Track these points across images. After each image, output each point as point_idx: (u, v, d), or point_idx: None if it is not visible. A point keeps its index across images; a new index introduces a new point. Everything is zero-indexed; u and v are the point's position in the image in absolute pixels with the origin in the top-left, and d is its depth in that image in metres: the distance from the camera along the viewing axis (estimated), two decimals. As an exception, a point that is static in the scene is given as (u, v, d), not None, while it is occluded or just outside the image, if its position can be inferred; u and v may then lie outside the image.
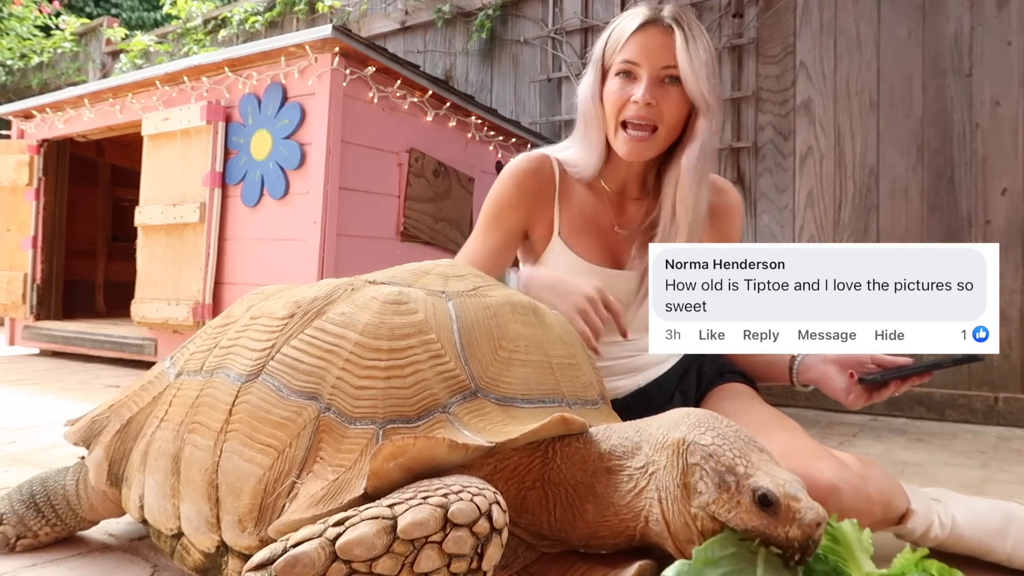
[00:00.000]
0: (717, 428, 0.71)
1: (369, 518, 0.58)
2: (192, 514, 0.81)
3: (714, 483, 0.66)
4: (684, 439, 0.70)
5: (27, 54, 6.37)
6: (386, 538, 0.57)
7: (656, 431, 0.74)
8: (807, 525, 0.62)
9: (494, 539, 0.60)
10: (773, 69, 3.05)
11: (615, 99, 1.28)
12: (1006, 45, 2.59)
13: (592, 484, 0.75)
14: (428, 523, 0.58)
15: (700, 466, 0.68)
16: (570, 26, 3.58)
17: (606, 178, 1.40)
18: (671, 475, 0.70)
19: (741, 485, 0.65)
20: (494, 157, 3.43)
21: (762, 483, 0.64)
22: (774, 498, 0.63)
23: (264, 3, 4.93)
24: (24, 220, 3.87)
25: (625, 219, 1.40)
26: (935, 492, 1.14)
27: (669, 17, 1.27)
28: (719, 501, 0.66)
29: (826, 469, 0.99)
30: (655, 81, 1.25)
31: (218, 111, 2.96)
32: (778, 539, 0.63)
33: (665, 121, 1.27)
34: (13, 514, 1.05)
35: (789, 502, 0.63)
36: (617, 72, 1.29)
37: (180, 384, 0.93)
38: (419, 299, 0.84)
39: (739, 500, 0.65)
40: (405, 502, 0.60)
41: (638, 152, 1.29)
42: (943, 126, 2.70)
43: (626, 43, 1.27)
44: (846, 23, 2.90)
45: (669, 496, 0.69)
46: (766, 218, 3.03)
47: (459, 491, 0.61)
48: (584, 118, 1.36)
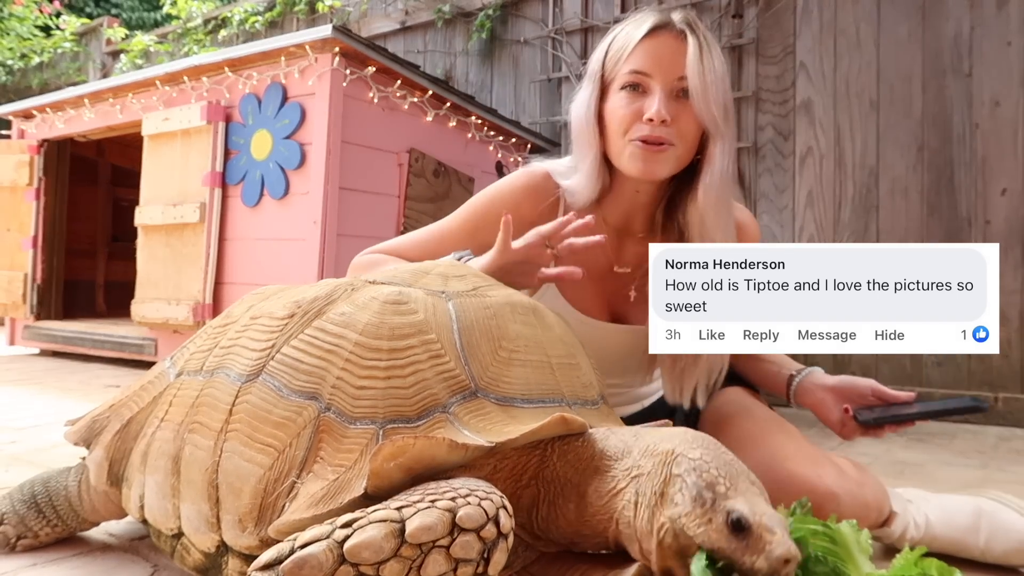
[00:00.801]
0: (711, 449, 0.70)
1: (377, 521, 0.58)
2: (192, 514, 0.81)
3: (691, 496, 0.65)
4: (674, 450, 0.70)
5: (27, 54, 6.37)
6: (394, 541, 0.57)
7: (650, 438, 0.74)
8: (775, 559, 0.60)
9: (500, 544, 0.60)
10: (773, 69, 3.05)
11: (621, 116, 1.11)
12: (1006, 45, 2.59)
13: (579, 483, 0.75)
14: (436, 527, 0.58)
15: (682, 478, 0.67)
16: (570, 26, 3.58)
17: (607, 210, 1.21)
18: (652, 481, 0.69)
19: (717, 504, 0.64)
20: (494, 157, 3.44)
21: (739, 507, 0.63)
22: (747, 524, 0.62)
23: (264, 3, 4.93)
24: (24, 220, 3.87)
25: (625, 259, 1.24)
26: (907, 492, 1.15)
27: (682, 22, 1.12)
28: (691, 515, 0.64)
29: (825, 475, 1.00)
30: (669, 94, 1.09)
31: (218, 111, 2.96)
32: (742, 566, 0.62)
33: (682, 140, 1.11)
34: (14, 514, 1.05)
35: (763, 532, 0.62)
36: (623, 85, 1.12)
37: (180, 384, 0.93)
38: (419, 299, 0.84)
39: (711, 518, 0.64)
40: (413, 505, 0.60)
41: (652, 168, 1.11)
42: (943, 126, 2.70)
43: (633, 51, 1.10)
44: (846, 23, 2.90)
45: (644, 501, 0.69)
46: (766, 218, 3.03)
47: (467, 495, 0.61)
48: (580, 140, 1.18)
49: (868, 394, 1.11)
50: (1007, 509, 1.07)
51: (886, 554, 1.09)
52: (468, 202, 1.24)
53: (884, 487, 1.08)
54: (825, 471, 1.00)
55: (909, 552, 0.70)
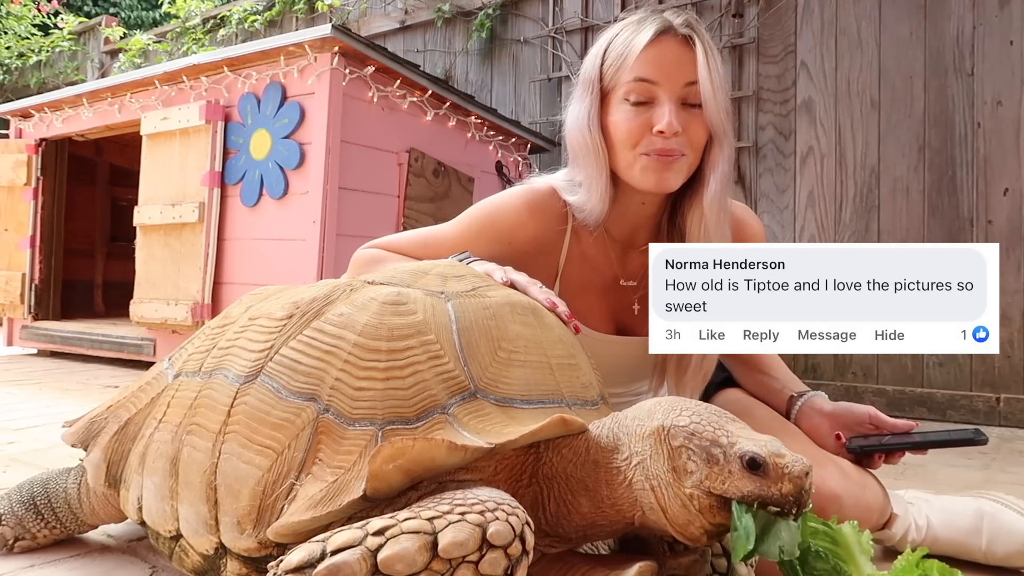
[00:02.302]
0: (690, 408, 0.73)
1: (411, 532, 0.58)
2: (190, 516, 0.81)
3: (703, 459, 0.68)
4: (663, 425, 0.71)
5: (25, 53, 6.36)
6: (427, 555, 0.57)
7: (631, 423, 0.75)
8: (796, 477, 0.65)
9: (524, 561, 0.61)
10: (774, 69, 3.05)
11: (629, 129, 1.07)
12: (1008, 44, 2.59)
13: (583, 479, 0.76)
14: (468, 543, 0.58)
15: (685, 447, 0.69)
16: (570, 26, 3.57)
17: (611, 223, 1.17)
18: (658, 462, 0.71)
19: (728, 455, 0.67)
20: (494, 157, 3.43)
21: (747, 448, 0.67)
22: (762, 460, 0.66)
23: (263, 2, 4.92)
24: (22, 220, 3.86)
25: (630, 271, 1.22)
26: (908, 494, 1.14)
27: (684, 26, 1.07)
28: (711, 476, 0.67)
29: (828, 478, 0.99)
30: (677, 103, 1.06)
31: (217, 110, 2.95)
32: (772, 498, 0.66)
33: (692, 149, 1.08)
34: (12, 515, 1.05)
35: (775, 460, 0.66)
36: (628, 94, 1.07)
37: (178, 385, 0.93)
38: (418, 300, 0.84)
39: (730, 470, 0.67)
40: (443, 516, 0.60)
41: (665, 181, 1.07)
42: (944, 126, 2.69)
43: (636, 59, 1.06)
44: (847, 22, 2.89)
45: (661, 483, 0.70)
46: (767, 218, 3.03)
47: (494, 508, 0.62)
48: (583, 155, 1.13)
49: (865, 421, 1.09)
50: (1009, 511, 1.06)
51: (887, 556, 1.08)
52: (469, 211, 1.20)
53: (885, 489, 1.07)
54: (827, 473, 1.00)
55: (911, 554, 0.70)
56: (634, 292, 1.22)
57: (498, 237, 1.15)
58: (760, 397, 1.27)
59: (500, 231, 1.15)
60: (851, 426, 1.10)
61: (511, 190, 1.20)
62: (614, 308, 1.23)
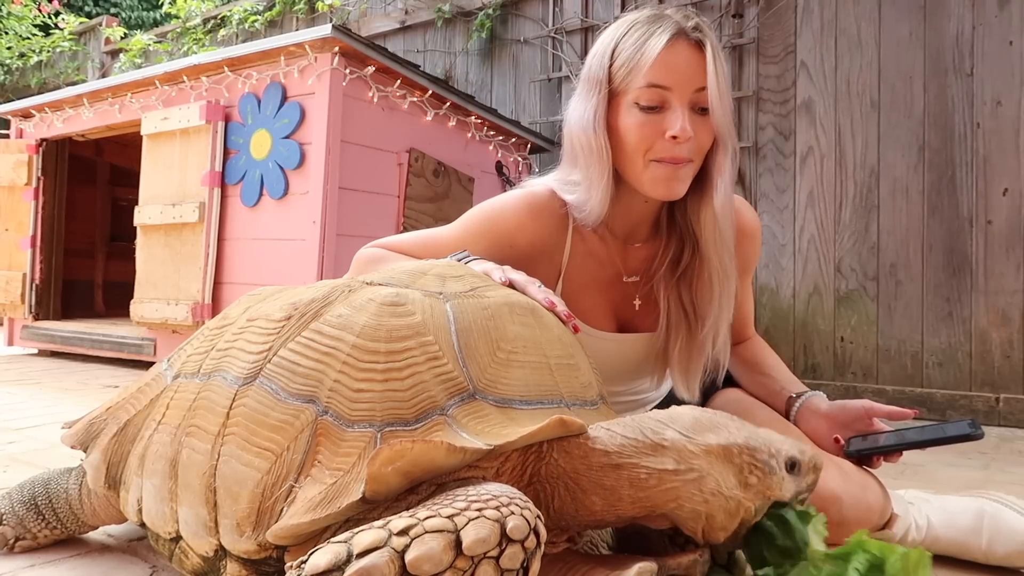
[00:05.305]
0: (737, 425, 0.78)
1: (434, 531, 0.59)
2: (190, 518, 0.81)
3: (764, 472, 0.74)
4: (727, 446, 0.75)
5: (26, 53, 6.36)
6: (452, 553, 0.58)
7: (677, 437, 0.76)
8: (817, 467, 0.76)
9: (537, 553, 0.61)
10: (773, 69, 3.05)
11: (642, 135, 1.06)
12: (1008, 45, 2.58)
13: (599, 479, 0.76)
14: (490, 539, 0.59)
15: (751, 464, 0.74)
16: (570, 26, 3.57)
17: (612, 223, 1.18)
18: (726, 479, 0.74)
19: (779, 463, 0.74)
20: (494, 157, 3.43)
21: (787, 452, 0.75)
22: (798, 461, 0.75)
23: (263, 2, 4.92)
24: (23, 220, 3.87)
25: (631, 267, 1.22)
26: (908, 494, 1.14)
27: (696, 31, 1.07)
28: (772, 485, 0.74)
29: (829, 478, 0.99)
30: (688, 108, 1.06)
31: (217, 111, 2.95)
32: (802, 491, 0.74)
33: (699, 154, 1.09)
34: (13, 515, 1.05)
35: (803, 457, 0.75)
36: (639, 99, 1.06)
37: (177, 387, 0.93)
38: (416, 300, 0.84)
39: (782, 476, 0.74)
40: (462, 513, 0.60)
41: (675, 187, 1.08)
42: (944, 126, 2.69)
43: (651, 63, 1.04)
44: (847, 23, 2.89)
45: (726, 494, 0.74)
46: (767, 218, 3.03)
47: (508, 503, 0.62)
48: (586, 155, 1.11)
49: (862, 415, 1.10)
50: (1009, 510, 1.06)
51: (887, 556, 1.08)
52: (470, 213, 1.20)
53: (886, 489, 1.07)
54: (828, 473, 1.00)
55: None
56: (635, 288, 1.22)
57: (500, 240, 1.15)
58: (760, 397, 1.27)
59: (502, 233, 1.15)
60: (849, 424, 1.11)
61: (510, 193, 1.20)
62: (616, 304, 1.23)
